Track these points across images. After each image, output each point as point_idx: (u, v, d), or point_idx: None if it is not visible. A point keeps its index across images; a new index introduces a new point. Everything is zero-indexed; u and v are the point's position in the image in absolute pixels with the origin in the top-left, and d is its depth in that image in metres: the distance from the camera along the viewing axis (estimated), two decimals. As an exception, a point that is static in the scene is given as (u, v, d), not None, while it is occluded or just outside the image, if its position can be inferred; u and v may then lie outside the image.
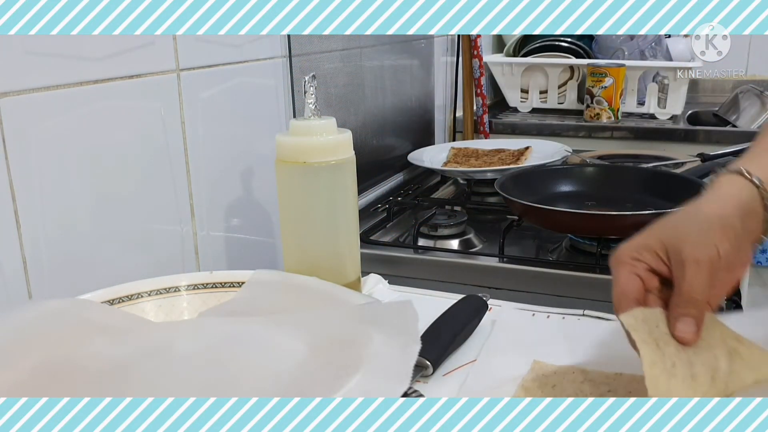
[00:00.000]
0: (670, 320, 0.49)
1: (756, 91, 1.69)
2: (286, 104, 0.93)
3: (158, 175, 0.73)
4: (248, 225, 0.88)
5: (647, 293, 0.50)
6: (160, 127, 0.73)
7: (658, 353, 0.47)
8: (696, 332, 0.48)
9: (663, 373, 0.46)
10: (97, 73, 0.64)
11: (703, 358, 0.48)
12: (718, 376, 0.48)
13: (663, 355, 0.47)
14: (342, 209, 0.68)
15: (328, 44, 1.02)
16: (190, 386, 0.48)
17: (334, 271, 0.68)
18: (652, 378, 0.45)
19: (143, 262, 0.72)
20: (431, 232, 0.99)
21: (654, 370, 0.46)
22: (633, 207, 0.90)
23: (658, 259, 0.50)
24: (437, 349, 0.60)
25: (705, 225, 0.50)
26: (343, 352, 0.50)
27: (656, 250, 0.50)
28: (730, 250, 0.49)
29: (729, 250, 0.49)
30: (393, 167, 1.32)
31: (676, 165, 1.24)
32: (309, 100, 0.66)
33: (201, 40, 0.77)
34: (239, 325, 0.56)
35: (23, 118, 0.58)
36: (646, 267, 0.51)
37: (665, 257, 0.50)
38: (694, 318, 0.48)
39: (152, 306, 0.61)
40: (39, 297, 0.61)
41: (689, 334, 0.48)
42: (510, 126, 1.67)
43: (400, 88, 1.32)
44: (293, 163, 0.66)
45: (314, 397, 0.41)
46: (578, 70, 1.73)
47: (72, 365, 0.50)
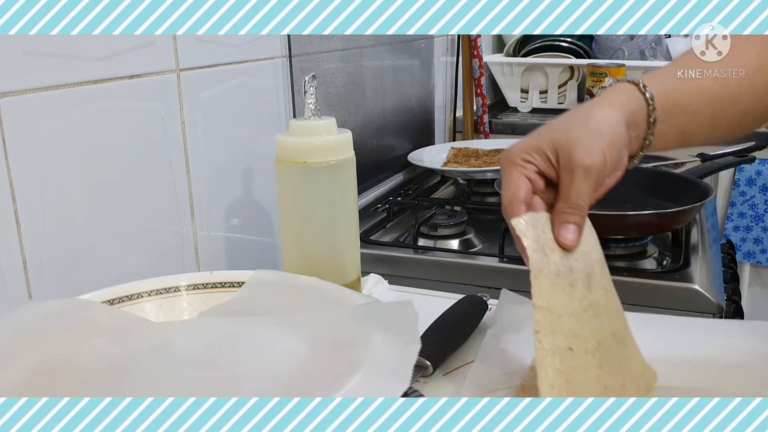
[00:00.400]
0: (554, 225, 0.50)
1: (756, 91, 1.68)
2: (286, 104, 0.93)
3: (158, 175, 0.73)
4: (248, 225, 0.88)
5: (533, 196, 0.51)
6: (160, 127, 0.73)
7: (544, 260, 0.48)
8: (578, 239, 0.50)
9: (547, 281, 0.47)
10: (97, 73, 0.64)
11: (581, 263, 0.50)
12: (593, 281, 0.50)
13: (549, 262, 0.48)
14: (342, 209, 0.68)
15: (328, 44, 1.02)
16: (190, 386, 0.48)
17: (334, 271, 0.68)
18: (538, 287, 0.47)
19: (143, 262, 0.72)
20: (431, 232, 0.99)
21: (539, 278, 0.47)
22: (633, 207, 0.90)
23: (547, 162, 0.50)
24: (437, 349, 0.60)
25: (595, 131, 0.50)
26: (343, 352, 0.50)
27: (547, 153, 0.50)
28: (615, 158, 0.51)
29: (614, 158, 0.51)
30: (393, 167, 1.32)
31: (676, 165, 1.24)
32: (309, 100, 0.66)
33: (201, 40, 0.77)
34: (239, 325, 0.56)
35: (23, 118, 0.58)
36: (536, 169, 0.51)
37: (555, 160, 0.50)
38: (576, 224, 0.50)
39: (152, 306, 0.61)
40: (39, 297, 0.61)
41: (572, 242, 0.49)
42: (510, 126, 1.67)
43: (400, 88, 1.32)
44: (293, 163, 0.66)
45: (314, 397, 0.41)
46: (578, 70, 1.73)
47: (72, 365, 0.50)
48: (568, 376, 0.45)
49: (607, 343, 0.49)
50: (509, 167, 0.51)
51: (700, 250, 0.93)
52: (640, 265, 0.90)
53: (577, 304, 0.48)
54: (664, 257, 0.92)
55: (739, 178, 1.61)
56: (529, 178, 0.50)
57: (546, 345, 0.45)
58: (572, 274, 0.49)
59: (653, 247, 0.94)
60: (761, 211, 1.63)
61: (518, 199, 0.49)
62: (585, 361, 0.47)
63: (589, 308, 0.49)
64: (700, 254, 0.91)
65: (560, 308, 0.47)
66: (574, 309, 0.48)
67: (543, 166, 0.51)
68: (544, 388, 0.44)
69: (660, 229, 0.94)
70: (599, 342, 0.48)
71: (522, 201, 0.50)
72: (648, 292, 0.81)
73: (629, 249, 0.92)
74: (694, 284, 0.80)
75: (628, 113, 0.52)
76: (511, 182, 0.50)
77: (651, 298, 0.81)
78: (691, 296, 0.80)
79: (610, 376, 0.48)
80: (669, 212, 0.87)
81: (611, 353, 0.49)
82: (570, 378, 0.45)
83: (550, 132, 0.51)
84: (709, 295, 0.79)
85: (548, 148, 0.50)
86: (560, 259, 0.49)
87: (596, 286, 0.50)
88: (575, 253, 0.50)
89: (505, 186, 0.51)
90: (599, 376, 0.47)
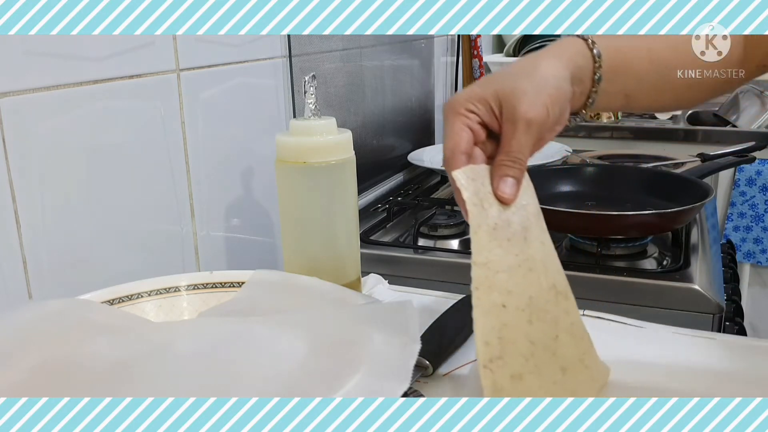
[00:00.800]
0: (494, 178, 0.50)
1: (756, 91, 1.69)
2: (286, 104, 0.93)
3: (158, 175, 0.73)
4: (248, 225, 0.88)
5: (474, 147, 0.51)
6: (160, 127, 0.73)
7: (483, 215, 0.48)
8: (517, 193, 0.50)
9: (486, 236, 0.48)
10: (97, 73, 0.64)
11: (519, 217, 0.50)
12: (530, 235, 0.50)
13: (487, 216, 0.48)
14: (342, 209, 0.68)
15: (328, 44, 1.02)
16: (190, 386, 0.48)
17: (334, 271, 0.68)
18: (477, 243, 0.47)
19: (143, 262, 0.72)
20: (431, 232, 0.99)
21: (479, 234, 0.47)
22: (633, 207, 0.90)
23: (491, 113, 0.50)
24: (437, 349, 0.60)
25: (540, 84, 0.50)
26: (343, 352, 0.50)
27: (491, 103, 0.50)
28: (557, 113, 0.50)
29: (557, 113, 0.50)
30: (393, 167, 1.32)
31: (676, 165, 1.24)
32: (309, 100, 0.66)
33: (201, 40, 0.77)
34: (239, 325, 0.56)
35: (23, 118, 0.58)
36: (479, 120, 0.50)
37: (498, 111, 0.50)
38: (515, 178, 0.49)
39: (152, 306, 0.61)
40: (39, 297, 0.61)
41: (511, 195, 0.49)
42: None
43: (400, 88, 1.32)
44: (293, 163, 0.66)
45: (314, 397, 0.41)
46: (578, 70, 1.73)
47: (72, 365, 0.50)
48: (500, 333, 0.46)
49: (542, 297, 0.50)
50: (452, 116, 0.50)
51: (700, 250, 0.93)
52: (640, 265, 0.90)
53: (513, 260, 0.48)
54: (664, 257, 0.92)
55: (739, 178, 1.61)
56: (471, 128, 0.50)
57: (483, 302, 0.46)
58: (509, 228, 0.49)
59: (653, 247, 0.94)
60: (761, 211, 1.63)
61: (460, 150, 0.49)
62: (515, 317, 0.47)
63: (524, 263, 0.49)
64: (700, 254, 0.91)
65: (497, 264, 0.47)
66: (510, 264, 0.48)
67: (486, 116, 0.50)
68: (480, 345, 0.45)
69: (660, 229, 0.94)
70: (531, 298, 0.49)
71: (464, 152, 0.49)
72: (648, 292, 0.81)
73: (629, 249, 0.92)
74: (694, 284, 0.80)
75: (573, 68, 0.52)
76: (453, 132, 0.50)
77: (651, 298, 0.81)
78: (691, 296, 0.79)
79: (539, 331, 0.49)
80: (669, 212, 0.87)
81: (546, 307, 0.50)
82: (502, 335, 0.46)
83: (495, 82, 0.51)
84: (709, 295, 0.79)
85: (492, 99, 0.50)
86: (498, 213, 0.49)
87: (533, 239, 0.50)
88: (513, 207, 0.50)
89: (447, 136, 0.50)
90: (527, 332, 0.48)
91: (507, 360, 0.46)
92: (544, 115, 0.49)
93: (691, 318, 0.79)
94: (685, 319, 0.78)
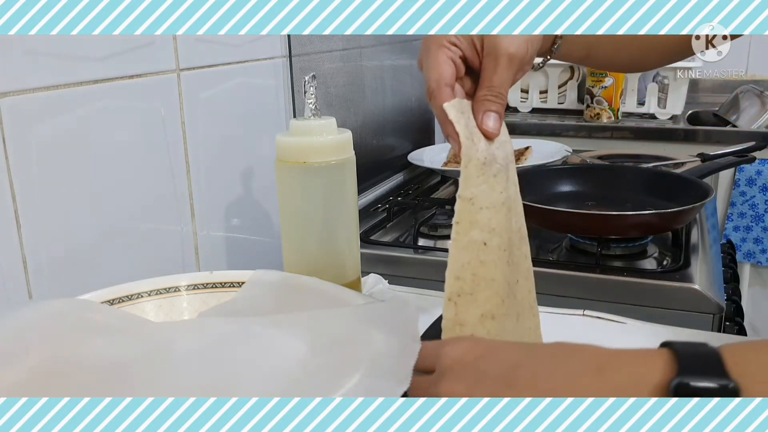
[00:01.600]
0: (477, 113, 0.50)
1: (756, 91, 1.69)
2: (286, 104, 0.93)
3: (158, 175, 0.73)
4: (248, 225, 0.88)
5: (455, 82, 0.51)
6: (160, 127, 0.73)
7: (473, 149, 0.48)
8: (500, 127, 0.50)
9: (475, 170, 0.48)
10: (97, 73, 0.64)
11: (502, 152, 0.50)
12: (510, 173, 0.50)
13: (477, 150, 0.48)
14: (342, 209, 0.68)
15: (328, 44, 1.02)
16: (190, 386, 0.48)
17: (334, 271, 0.68)
18: (467, 176, 0.47)
19: (143, 262, 0.72)
20: (431, 232, 0.99)
21: (469, 167, 0.47)
22: (633, 207, 0.90)
23: (472, 48, 0.50)
24: (437, 349, 0.59)
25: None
26: (343, 352, 0.50)
27: (473, 38, 0.50)
28: (533, 52, 0.52)
29: (533, 51, 0.52)
30: (393, 167, 1.32)
31: (676, 165, 1.24)
32: (309, 100, 0.66)
33: (201, 40, 0.77)
34: (239, 325, 0.56)
35: (23, 118, 0.58)
36: (461, 54, 0.51)
37: (479, 46, 0.50)
38: (498, 113, 0.50)
39: (152, 306, 0.61)
40: (39, 297, 0.61)
41: (496, 129, 0.50)
42: (510, 126, 1.65)
43: (400, 88, 1.32)
44: (293, 163, 0.66)
45: (314, 397, 0.41)
46: (578, 69, 1.73)
47: (72, 365, 0.50)
48: (475, 270, 0.46)
49: (515, 238, 0.50)
50: (435, 48, 0.50)
51: (700, 250, 0.93)
52: (640, 265, 0.90)
53: (497, 197, 0.48)
54: (664, 257, 0.92)
55: (739, 178, 1.61)
56: (454, 62, 0.50)
57: (462, 237, 0.46)
58: (495, 163, 0.49)
59: (653, 247, 0.94)
60: (761, 211, 1.63)
61: (445, 82, 0.49)
62: (497, 256, 0.47)
63: (506, 201, 0.49)
64: (700, 254, 0.91)
65: (482, 200, 0.47)
66: (494, 201, 0.48)
67: (468, 51, 0.50)
68: (450, 279, 0.45)
69: (660, 229, 0.94)
70: (510, 239, 0.49)
71: (448, 84, 0.49)
72: (648, 292, 0.81)
73: (629, 249, 0.92)
74: (694, 284, 0.80)
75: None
76: (438, 63, 0.50)
77: (651, 298, 0.81)
78: (691, 296, 0.80)
79: (512, 273, 0.49)
80: (669, 212, 0.87)
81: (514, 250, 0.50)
82: (477, 272, 0.46)
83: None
84: (709, 295, 0.79)
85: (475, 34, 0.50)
86: (486, 147, 0.49)
87: (511, 180, 0.51)
88: (496, 142, 0.50)
89: (432, 67, 0.50)
90: (506, 273, 0.48)
91: (478, 298, 0.46)
92: (524, 51, 0.50)
93: (692, 318, 0.79)
94: (685, 319, 0.78)
